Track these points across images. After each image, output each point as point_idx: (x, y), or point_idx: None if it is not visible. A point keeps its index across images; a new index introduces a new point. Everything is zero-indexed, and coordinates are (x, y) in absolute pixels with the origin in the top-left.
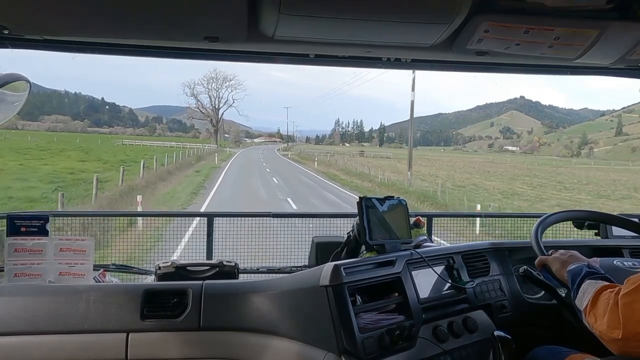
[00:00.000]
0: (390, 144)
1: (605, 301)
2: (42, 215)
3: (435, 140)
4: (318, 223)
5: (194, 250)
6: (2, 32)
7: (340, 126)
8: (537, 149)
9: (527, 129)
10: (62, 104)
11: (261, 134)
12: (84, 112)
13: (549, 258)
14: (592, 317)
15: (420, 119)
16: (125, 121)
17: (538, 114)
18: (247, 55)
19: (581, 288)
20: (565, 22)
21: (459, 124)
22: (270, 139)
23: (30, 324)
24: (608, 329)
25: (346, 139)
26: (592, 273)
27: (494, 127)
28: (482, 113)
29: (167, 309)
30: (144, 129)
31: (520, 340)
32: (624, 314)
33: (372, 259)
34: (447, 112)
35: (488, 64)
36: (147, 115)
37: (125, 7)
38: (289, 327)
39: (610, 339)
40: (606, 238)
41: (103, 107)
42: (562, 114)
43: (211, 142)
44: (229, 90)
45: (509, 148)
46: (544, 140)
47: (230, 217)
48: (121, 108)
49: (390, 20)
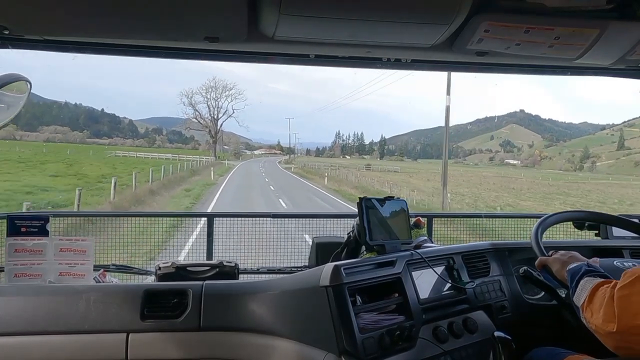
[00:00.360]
0: (390, 156)
1: (602, 296)
2: (42, 215)
3: (435, 153)
4: (318, 223)
5: (194, 251)
6: (3, 32)
7: (341, 138)
8: (538, 162)
9: (527, 143)
10: (61, 115)
11: (261, 145)
12: (83, 123)
13: (549, 259)
14: (588, 312)
15: (420, 132)
16: (125, 132)
17: (538, 127)
18: (247, 56)
19: (579, 285)
20: (565, 22)
21: (459, 137)
22: (271, 151)
23: (30, 324)
24: (603, 322)
25: (346, 152)
26: (591, 271)
27: (494, 140)
28: (482, 126)
29: (167, 309)
30: (143, 140)
31: (520, 340)
32: (619, 307)
33: (373, 259)
34: None
35: (488, 64)
36: (147, 127)
37: (125, 7)
38: (289, 327)
39: (606, 333)
40: (606, 239)
41: (103, 118)
42: (562, 127)
43: (210, 155)
44: (228, 99)
45: (510, 161)
46: (545, 154)
47: (231, 217)
48: (121, 119)
49: (390, 20)
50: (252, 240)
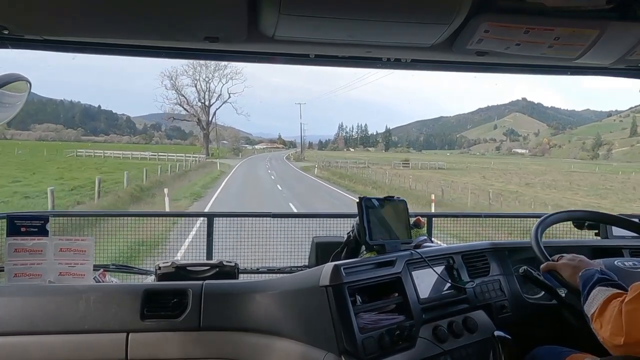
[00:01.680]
0: (396, 148)
1: (612, 309)
2: (42, 215)
3: (439, 143)
4: (318, 223)
5: (195, 251)
6: (2, 32)
7: (344, 130)
8: (547, 151)
9: (533, 131)
10: (56, 113)
11: (262, 140)
12: (79, 120)
13: (557, 264)
14: (598, 323)
15: (422, 122)
16: (122, 129)
17: (541, 115)
18: (247, 56)
19: (591, 294)
20: (565, 22)
21: (461, 126)
22: (273, 145)
23: (30, 324)
24: (611, 335)
25: (350, 144)
26: (604, 279)
27: (498, 129)
28: (484, 115)
29: (167, 309)
30: (140, 137)
31: (520, 340)
32: (627, 321)
33: (372, 259)
34: (448, 115)
35: (488, 64)
36: (145, 123)
37: (125, 7)
38: (288, 327)
39: (613, 346)
40: (606, 238)
41: (100, 115)
42: (565, 115)
43: (201, 151)
44: (223, 81)
45: (518, 151)
46: (554, 142)
47: (230, 217)
48: (119, 116)
49: (390, 20)
50: (252, 240)
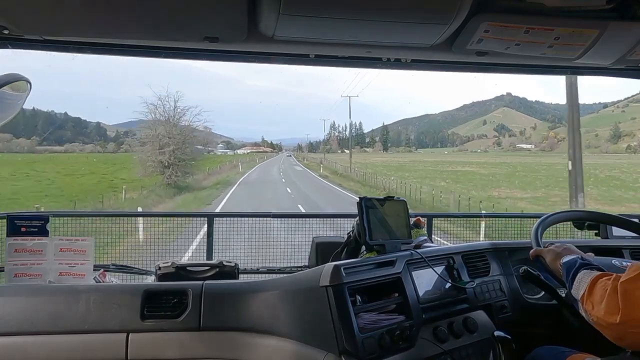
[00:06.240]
0: (397, 147)
1: (602, 288)
2: (42, 215)
3: (430, 141)
4: (318, 223)
5: (195, 251)
6: (2, 32)
7: (337, 130)
8: (556, 145)
9: (529, 125)
10: (15, 122)
11: (244, 144)
12: (42, 129)
13: (543, 250)
14: (589, 304)
15: (407, 120)
16: (92, 137)
17: (528, 110)
18: (247, 56)
19: (577, 278)
20: (565, 22)
21: (447, 124)
22: (258, 149)
23: (30, 324)
24: (606, 314)
25: (344, 145)
26: (586, 264)
27: (488, 125)
28: (470, 112)
29: (167, 309)
30: (113, 145)
31: (520, 340)
32: (623, 300)
33: (373, 259)
34: (434, 113)
35: (488, 64)
36: (118, 130)
37: (125, 7)
38: (289, 327)
39: (608, 324)
40: (606, 238)
41: (67, 123)
42: (551, 108)
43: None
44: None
45: (523, 146)
46: (562, 135)
47: (230, 217)
48: (88, 123)
49: (390, 20)
50: (252, 240)
